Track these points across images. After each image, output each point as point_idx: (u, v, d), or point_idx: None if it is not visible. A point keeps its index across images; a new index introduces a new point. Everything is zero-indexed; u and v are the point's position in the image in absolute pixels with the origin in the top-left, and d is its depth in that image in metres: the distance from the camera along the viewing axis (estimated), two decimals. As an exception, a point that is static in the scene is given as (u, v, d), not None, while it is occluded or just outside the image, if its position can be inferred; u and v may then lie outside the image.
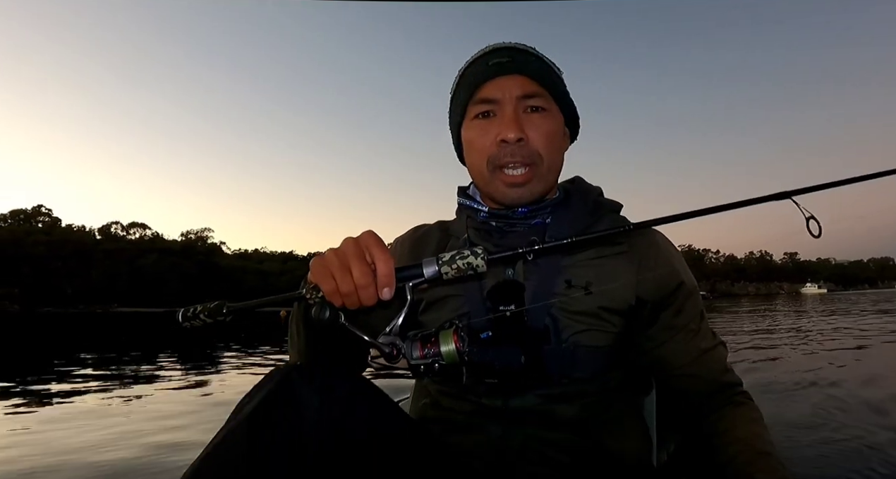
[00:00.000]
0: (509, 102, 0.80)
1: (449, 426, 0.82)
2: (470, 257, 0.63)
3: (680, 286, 0.83)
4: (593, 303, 0.78)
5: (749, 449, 0.71)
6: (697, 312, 0.83)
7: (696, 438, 0.80)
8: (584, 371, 0.78)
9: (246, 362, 7.24)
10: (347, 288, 0.60)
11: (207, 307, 0.66)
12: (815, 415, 2.88)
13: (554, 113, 0.84)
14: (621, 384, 0.83)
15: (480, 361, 0.77)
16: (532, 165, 0.80)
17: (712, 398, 0.80)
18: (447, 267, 0.63)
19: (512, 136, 0.78)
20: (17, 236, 72.98)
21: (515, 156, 0.80)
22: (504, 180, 0.81)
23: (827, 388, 3.74)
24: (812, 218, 0.73)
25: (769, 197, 0.74)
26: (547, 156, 0.81)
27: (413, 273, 0.63)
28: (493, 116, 0.82)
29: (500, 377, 0.77)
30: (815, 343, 7.11)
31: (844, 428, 2.57)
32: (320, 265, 0.62)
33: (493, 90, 0.81)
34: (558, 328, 0.78)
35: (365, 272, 0.60)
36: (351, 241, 0.63)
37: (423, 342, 0.64)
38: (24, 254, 70.66)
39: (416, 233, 0.97)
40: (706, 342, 0.82)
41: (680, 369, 0.81)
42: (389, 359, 0.63)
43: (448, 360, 0.63)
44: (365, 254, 0.61)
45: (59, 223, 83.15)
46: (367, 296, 0.60)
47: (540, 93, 0.82)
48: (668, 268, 0.83)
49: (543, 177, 0.82)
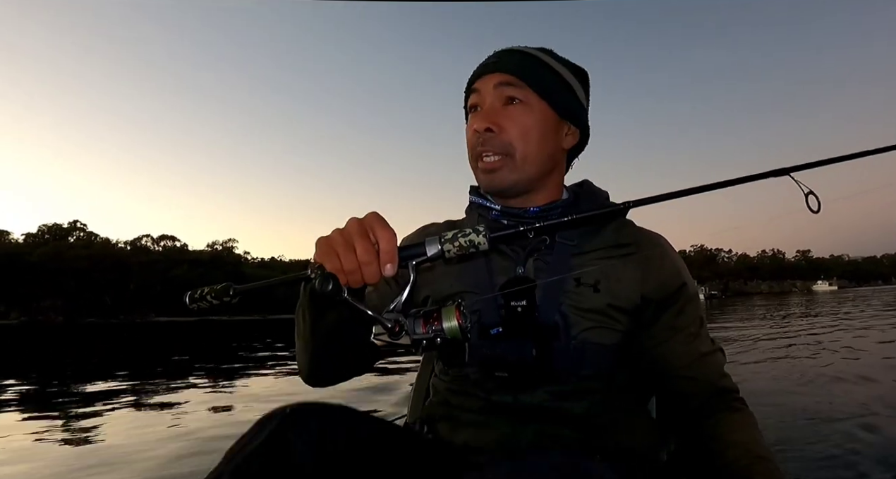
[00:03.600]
0: (488, 96, 0.85)
1: (458, 424, 0.82)
2: (472, 234, 0.63)
3: (682, 288, 0.83)
4: (602, 301, 0.79)
5: (747, 453, 0.71)
6: (697, 316, 0.84)
7: (694, 441, 0.79)
8: (592, 368, 0.78)
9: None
10: (351, 265, 0.60)
11: (214, 289, 0.66)
12: (808, 415, 2.80)
13: (534, 106, 0.84)
14: (627, 384, 0.83)
15: (492, 354, 0.77)
16: (504, 155, 0.82)
17: (709, 402, 0.80)
18: (449, 245, 0.63)
19: (481, 126, 0.82)
20: (59, 250, 75.01)
21: (486, 145, 0.83)
22: (480, 167, 0.85)
23: (825, 385, 3.65)
24: (811, 193, 0.73)
25: (768, 173, 0.74)
26: (521, 147, 0.82)
27: (416, 252, 0.63)
28: (478, 109, 0.86)
29: (510, 371, 0.77)
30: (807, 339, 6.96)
31: (838, 432, 2.48)
32: (325, 244, 0.62)
33: (478, 87, 0.86)
34: (568, 325, 0.78)
35: (368, 249, 0.60)
36: (355, 220, 0.63)
37: (425, 319, 0.63)
38: (66, 268, 72.53)
39: (424, 231, 0.98)
40: (705, 347, 0.82)
41: (678, 371, 0.81)
42: (392, 335, 0.62)
43: (451, 335, 0.62)
44: (368, 232, 0.61)
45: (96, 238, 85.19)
46: (371, 273, 0.60)
47: (516, 86, 0.83)
48: (673, 270, 0.84)
49: (518, 167, 0.83)
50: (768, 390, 3.64)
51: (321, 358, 0.80)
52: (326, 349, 0.78)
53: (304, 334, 0.77)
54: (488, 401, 0.79)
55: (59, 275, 71.90)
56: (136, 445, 3.05)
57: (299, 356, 0.82)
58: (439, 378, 0.90)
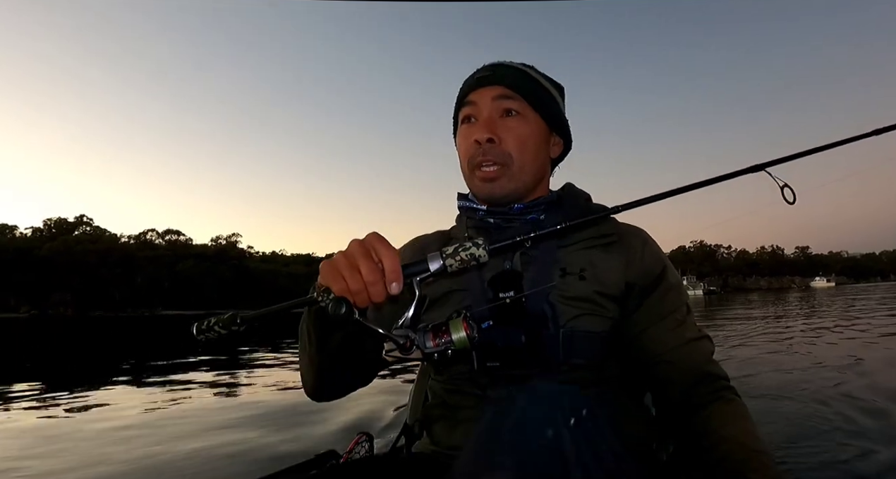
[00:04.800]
0: (486, 108, 0.87)
1: (454, 423, 0.83)
2: (472, 248, 0.64)
3: (664, 272, 0.85)
4: (588, 288, 0.80)
5: (741, 447, 0.70)
6: (682, 303, 0.85)
7: (686, 434, 0.78)
8: (583, 356, 0.78)
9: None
10: (357, 286, 0.60)
11: (221, 319, 0.65)
12: (805, 412, 2.77)
13: (529, 118, 0.87)
14: (620, 376, 0.83)
15: (483, 342, 0.78)
16: (503, 165, 0.85)
17: (697, 389, 0.79)
18: (451, 259, 0.64)
19: (483, 136, 0.84)
20: (68, 245, 75.25)
21: (487, 155, 0.85)
22: (479, 176, 0.86)
23: (823, 382, 3.63)
24: (786, 186, 0.75)
25: (744, 170, 0.77)
26: (518, 157, 0.85)
27: (419, 269, 0.64)
28: (474, 121, 0.88)
29: (502, 359, 0.78)
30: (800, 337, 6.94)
31: (834, 429, 2.41)
32: (329, 267, 0.63)
33: (474, 99, 0.88)
34: (556, 314, 0.79)
35: (373, 269, 0.60)
36: (357, 242, 0.63)
37: (434, 333, 0.63)
38: (76, 262, 72.80)
39: (416, 243, 0.99)
40: (691, 333, 0.82)
41: (663, 356, 0.81)
42: (403, 351, 0.63)
43: (459, 346, 0.63)
44: (371, 253, 0.62)
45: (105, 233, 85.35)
46: (377, 292, 0.61)
47: (514, 99, 0.86)
48: (654, 256, 0.86)
49: (515, 176, 0.85)
50: (767, 386, 3.62)
51: (326, 377, 0.81)
52: (332, 368, 0.79)
53: (309, 352, 0.78)
54: (484, 397, 0.80)
55: (68, 269, 72.16)
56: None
57: (304, 374, 0.83)
58: (435, 380, 0.91)
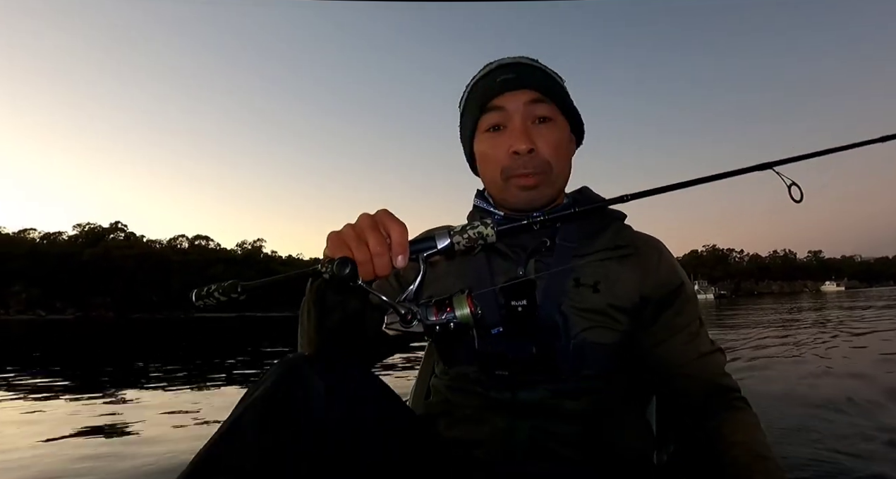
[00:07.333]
0: (517, 115, 0.81)
1: (455, 420, 0.80)
2: (480, 227, 0.63)
3: (681, 287, 0.82)
4: (602, 301, 0.77)
5: (748, 453, 0.69)
6: (696, 316, 0.82)
7: (696, 440, 0.76)
8: (592, 368, 0.76)
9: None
10: (363, 256, 0.59)
11: (221, 286, 0.64)
12: (806, 418, 2.69)
13: (560, 122, 0.84)
14: (627, 385, 0.81)
15: (492, 352, 0.76)
16: (542, 173, 0.81)
17: (710, 401, 0.77)
18: (459, 237, 0.63)
19: (523, 147, 0.79)
20: (108, 250, 77.23)
21: (528, 166, 0.80)
22: (517, 185, 0.81)
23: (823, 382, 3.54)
24: (794, 185, 0.74)
25: (753, 168, 0.75)
26: (556, 164, 0.82)
27: (427, 245, 0.63)
28: (503, 128, 0.82)
29: (511, 369, 0.76)
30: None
31: (836, 436, 2.34)
32: (336, 237, 0.62)
33: (502, 105, 0.82)
34: (568, 325, 0.76)
35: (380, 241, 0.59)
36: (366, 215, 0.62)
37: (438, 307, 0.61)
38: (114, 267, 74.61)
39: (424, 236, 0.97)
40: (705, 347, 0.80)
41: (679, 369, 0.79)
42: (405, 322, 0.61)
43: (463, 321, 0.61)
44: (379, 226, 0.60)
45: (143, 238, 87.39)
46: (382, 264, 0.59)
47: (546, 104, 0.82)
48: (670, 270, 0.83)
49: (553, 182, 0.83)
50: (768, 391, 3.53)
51: None
52: (329, 346, 0.77)
53: (308, 332, 0.75)
54: (487, 397, 0.77)
55: (109, 273, 73.98)
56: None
57: (302, 349, 0.80)
58: (439, 378, 0.88)
